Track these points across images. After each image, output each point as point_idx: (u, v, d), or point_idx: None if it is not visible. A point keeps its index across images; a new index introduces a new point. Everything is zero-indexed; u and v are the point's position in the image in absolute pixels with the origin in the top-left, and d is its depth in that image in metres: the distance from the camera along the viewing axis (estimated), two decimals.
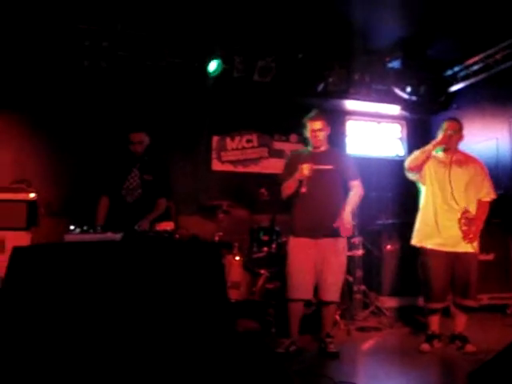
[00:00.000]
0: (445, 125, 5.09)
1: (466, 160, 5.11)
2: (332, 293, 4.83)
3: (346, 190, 5.00)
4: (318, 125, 4.98)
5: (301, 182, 4.73)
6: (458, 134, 5.07)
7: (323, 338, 4.93)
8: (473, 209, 4.98)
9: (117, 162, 5.54)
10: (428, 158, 5.06)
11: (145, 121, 6.64)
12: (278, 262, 5.61)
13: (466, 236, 4.89)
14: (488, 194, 5.04)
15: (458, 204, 4.92)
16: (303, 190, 4.69)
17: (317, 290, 4.89)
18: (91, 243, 3.67)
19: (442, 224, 4.96)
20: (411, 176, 5.22)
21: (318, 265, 4.81)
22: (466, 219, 4.91)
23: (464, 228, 4.90)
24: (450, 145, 5.06)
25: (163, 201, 5.54)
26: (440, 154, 5.14)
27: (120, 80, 7.22)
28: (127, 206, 5.32)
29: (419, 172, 5.11)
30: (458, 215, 4.92)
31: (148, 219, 5.12)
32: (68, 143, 7.07)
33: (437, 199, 5.01)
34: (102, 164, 5.92)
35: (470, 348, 4.88)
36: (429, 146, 5.06)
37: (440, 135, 5.09)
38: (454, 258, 4.94)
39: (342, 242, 4.94)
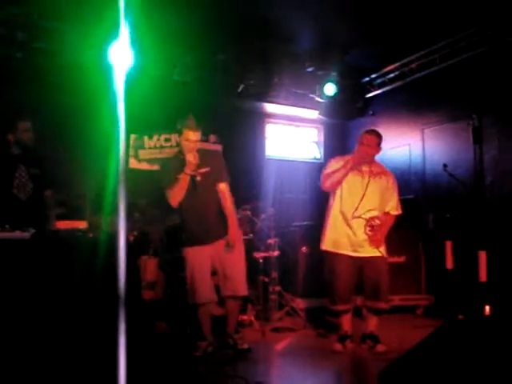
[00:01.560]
0: (363, 137, 5.09)
1: (381, 172, 5.19)
2: (239, 287, 4.83)
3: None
4: (196, 136, 4.84)
5: (193, 177, 4.63)
6: (375, 148, 5.10)
7: (231, 334, 4.93)
8: (381, 216, 5.11)
9: None
10: (344, 177, 5.06)
11: (58, 116, 6.42)
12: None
13: (371, 242, 5.00)
14: (396, 208, 5.18)
15: (366, 212, 5.02)
16: (198, 178, 4.62)
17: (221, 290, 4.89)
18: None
19: (348, 230, 5.05)
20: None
21: (217, 266, 4.83)
22: (370, 226, 5.02)
23: (369, 234, 5.01)
24: (368, 159, 5.10)
25: (49, 193, 5.26)
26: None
27: (34, 73, 6.92)
28: (22, 204, 5.01)
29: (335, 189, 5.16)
30: (364, 222, 5.02)
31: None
32: None
33: (346, 206, 5.08)
34: None
35: (380, 348, 4.98)
36: (346, 167, 5.02)
37: (357, 148, 5.09)
38: (362, 262, 5.04)
39: (234, 237, 4.85)
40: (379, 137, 5.13)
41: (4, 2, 6.05)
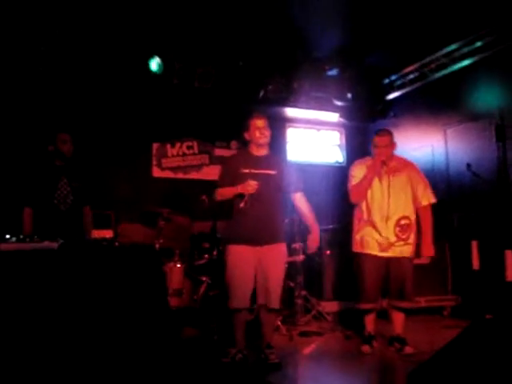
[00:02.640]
0: (376, 140, 5.14)
1: (402, 166, 5.21)
2: (273, 300, 4.66)
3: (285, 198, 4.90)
4: (262, 122, 4.79)
5: (242, 196, 4.55)
6: (389, 146, 5.12)
7: (263, 348, 4.73)
8: (410, 213, 5.11)
9: (43, 171, 5.35)
10: (370, 184, 5.10)
11: (79, 125, 6.52)
12: (220, 269, 5.58)
13: (423, 249, 5.11)
14: (428, 197, 5.16)
15: (394, 212, 5.05)
16: (242, 205, 4.52)
17: (256, 296, 4.74)
18: (28, 252, 3.57)
19: (377, 232, 5.08)
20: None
21: (258, 272, 4.66)
22: (400, 226, 5.04)
23: (399, 234, 5.04)
24: (386, 158, 5.11)
25: (88, 209, 5.53)
26: None
27: (58, 85, 7.05)
28: (61, 215, 5.22)
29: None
30: (394, 223, 5.04)
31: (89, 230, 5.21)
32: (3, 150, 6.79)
33: (373, 210, 5.12)
34: (23, 174, 5.58)
35: (408, 350, 4.96)
36: (369, 175, 5.07)
37: (374, 152, 5.15)
38: (388, 262, 5.08)
39: (281, 248, 4.81)
40: (390, 134, 5.18)
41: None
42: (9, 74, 6.66)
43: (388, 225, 5.05)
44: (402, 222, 5.05)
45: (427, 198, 5.16)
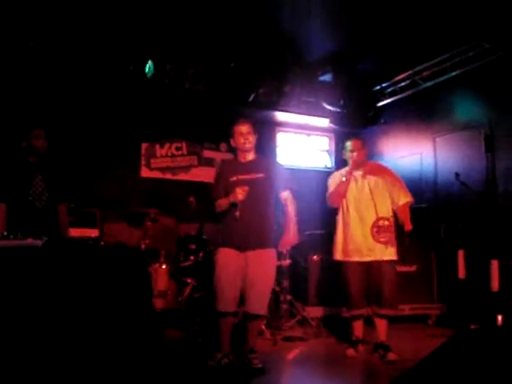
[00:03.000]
0: (349, 145, 5.32)
1: (377, 169, 5.37)
2: (259, 306, 4.64)
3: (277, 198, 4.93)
4: (246, 128, 4.85)
5: (235, 205, 4.57)
6: (362, 150, 5.30)
7: (247, 353, 4.68)
8: (387, 215, 5.20)
9: (17, 167, 5.20)
10: (347, 186, 5.24)
11: (70, 124, 6.47)
12: (206, 271, 5.56)
13: (381, 241, 5.13)
14: (405, 196, 5.25)
15: (371, 214, 5.16)
16: (237, 213, 4.55)
17: (243, 301, 4.73)
18: (11, 249, 3.53)
19: (355, 237, 5.17)
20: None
21: (246, 277, 4.64)
22: (377, 227, 5.13)
23: (376, 236, 5.12)
24: (361, 163, 5.27)
25: (64, 207, 5.35)
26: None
27: (47, 82, 6.99)
28: (37, 212, 5.07)
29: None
30: (371, 224, 5.15)
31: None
32: None
33: (351, 215, 5.23)
34: None
35: (391, 356, 4.98)
36: (345, 178, 5.23)
37: (348, 156, 5.32)
38: (368, 267, 5.14)
39: (270, 254, 4.78)
40: (362, 139, 5.42)
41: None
42: None
43: (365, 227, 5.15)
44: (380, 222, 5.14)
45: (404, 197, 5.23)
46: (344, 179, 5.22)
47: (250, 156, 4.93)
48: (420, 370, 3.32)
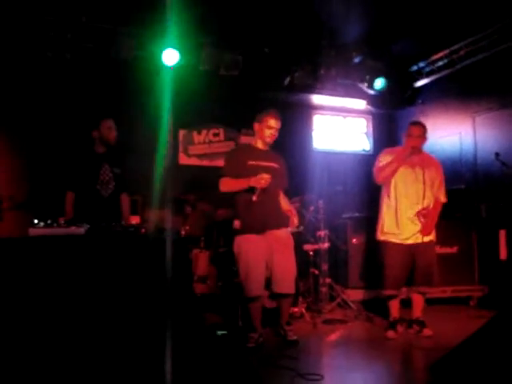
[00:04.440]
0: (410, 129, 5.28)
1: (429, 162, 5.36)
2: (287, 285, 4.87)
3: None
4: (276, 123, 4.95)
5: (253, 189, 4.67)
6: (422, 137, 5.27)
7: (283, 325, 5.01)
8: (430, 206, 5.27)
9: (86, 157, 5.40)
10: (397, 169, 5.23)
11: (110, 113, 6.58)
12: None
13: (424, 230, 5.18)
14: (444, 197, 5.36)
15: (422, 202, 5.20)
16: (254, 198, 4.62)
17: (271, 284, 4.90)
18: (55, 237, 3.63)
19: (404, 220, 5.20)
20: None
21: (269, 259, 4.83)
22: (423, 215, 5.19)
23: (422, 222, 5.19)
24: (417, 150, 5.27)
25: (126, 196, 5.56)
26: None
27: (85, 72, 7.12)
28: (104, 201, 5.28)
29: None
30: (418, 211, 5.20)
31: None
32: (31, 136, 6.91)
33: (401, 197, 5.23)
34: (67, 159, 5.65)
35: (427, 332, 5.13)
36: (399, 160, 5.22)
37: (406, 140, 5.28)
38: (414, 249, 5.18)
39: (286, 233, 5.03)
40: (425, 126, 5.34)
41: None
42: (32, 60, 6.78)
43: (412, 212, 5.20)
44: (424, 211, 5.20)
45: (444, 198, 5.37)
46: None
47: (267, 147, 5.08)
48: (461, 352, 3.32)
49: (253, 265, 4.76)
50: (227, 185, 4.90)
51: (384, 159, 5.32)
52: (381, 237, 5.35)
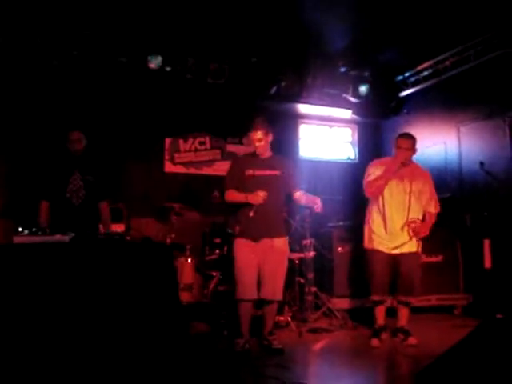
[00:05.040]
0: (399, 142, 5.26)
1: (419, 172, 5.36)
2: (274, 292, 4.92)
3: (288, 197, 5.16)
4: (260, 134, 5.00)
5: (251, 205, 4.77)
6: (411, 150, 5.26)
7: (266, 335, 5.04)
8: (419, 216, 5.27)
9: (56, 165, 5.40)
10: (387, 183, 5.22)
11: (92, 121, 6.58)
12: (231, 264, 5.59)
13: (416, 236, 5.19)
14: (435, 207, 5.35)
15: (409, 213, 5.18)
16: (251, 214, 4.74)
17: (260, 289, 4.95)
18: (40, 245, 3.61)
19: (392, 230, 5.21)
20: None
21: (260, 265, 4.90)
22: (412, 229, 5.18)
23: (411, 235, 5.19)
24: (407, 162, 5.26)
25: (105, 204, 5.51)
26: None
27: (71, 79, 7.09)
28: (74, 209, 5.26)
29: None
30: (403, 222, 5.19)
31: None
32: (12, 144, 6.87)
33: (389, 208, 5.24)
34: (39, 168, 5.65)
35: (412, 341, 5.13)
36: (388, 173, 5.20)
37: (396, 152, 5.26)
38: (398, 259, 5.20)
39: (283, 242, 5.04)
40: (414, 138, 5.32)
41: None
42: (23, 72, 6.78)
43: (398, 223, 5.20)
44: (414, 224, 5.19)
45: (435, 208, 5.35)
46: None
47: (267, 153, 5.11)
48: (445, 361, 3.32)
49: (246, 268, 4.86)
50: (230, 197, 5.02)
51: (373, 172, 5.30)
52: (368, 245, 5.36)
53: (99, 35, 6.73)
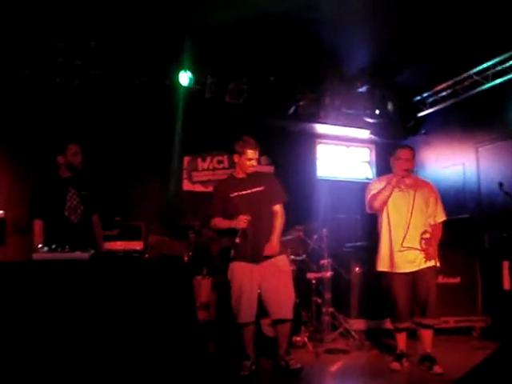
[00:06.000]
0: (398, 153, 5.22)
1: (420, 184, 5.28)
2: (285, 311, 4.84)
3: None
4: (254, 154, 5.00)
5: (237, 230, 4.76)
6: (411, 160, 5.22)
7: (283, 356, 4.90)
8: (428, 228, 5.15)
9: (50, 184, 5.20)
10: (391, 195, 5.16)
11: (111, 139, 6.60)
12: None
13: (426, 255, 5.03)
14: (441, 216, 5.23)
15: (416, 226, 5.07)
16: (237, 240, 4.73)
17: (268, 311, 4.92)
18: (59, 262, 3.63)
19: (400, 247, 5.08)
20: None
21: (265, 287, 4.86)
22: (425, 239, 5.07)
23: (424, 247, 5.04)
24: (408, 173, 5.19)
25: (97, 217, 5.36)
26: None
27: (92, 98, 7.18)
28: (73, 227, 5.07)
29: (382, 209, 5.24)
30: (418, 237, 5.06)
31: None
32: (35, 160, 6.88)
33: (395, 225, 5.15)
34: (33, 187, 5.30)
35: (437, 369, 4.89)
36: (391, 184, 5.13)
37: (395, 164, 5.22)
38: (414, 276, 5.06)
39: (282, 260, 5.00)
40: (413, 150, 5.30)
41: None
42: (23, 85, 6.80)
43: (411, 237, 5.06)
44: (424, 236, 5.09)
45: (441, 216, 5.23)
46: (389, 187, 5.14)
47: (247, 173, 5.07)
48: (465, 383, 3.28)
49: (244, 292, 4.81)
50: (216, 225, 5.04)
51: (375, 187, 5.26)
52: (380, 267, 5.24)
53: (119, 55, 6.82)
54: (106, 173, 6.78)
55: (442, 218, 5.22)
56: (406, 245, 5.05)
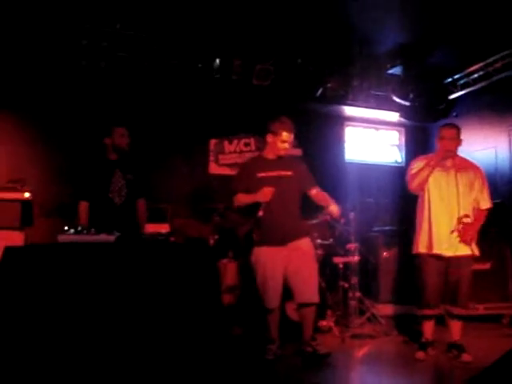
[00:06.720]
0: (442, 132, 5.03)
1: (467, 166, 5.07)
2: (310, 294, 4.76)
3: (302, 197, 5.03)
4: (289, 136, 4.90)
5: (260, 203, 4.67)
6: (456, 140, 4.99)
7: (308, 341, 4.82)
8: (470, 213, 4.95)
9: (97, 165, 5.35)
10: (431, 174, 4.96)
11: (138, 121, 6.61)
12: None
13: (463, 239, 4.84)
14: (488, 202, 5.02)
15: (458, 210, 4.88)
16: (260, 213, 4.64)
17: (294, 295, 4.86)
18: (85, 244, 3.63)
19: (440, 230, 4.89)
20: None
21: (290, 270, 4.78)
22: (463, 224, 4.86)
23: (461, 231, 4.85)
24: (452, 153, 4.99)
25: (143, 202, 5.46)
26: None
27: (118, 80, 7.18)
28: (117, 209, 5.20)
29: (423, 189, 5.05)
30: (457, 220, 4.86)
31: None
32: (64, 143, 6.98)
33: (436, 206, 4.95)
34: (78, 168, 5.57)
35: (466, 357, 4.77)
36: (431, 164, 4.94)
37: (439, 143, 5.02)
38: (449, 262, 4.88)
39: (306, 243, 4.93)
40: (457, 128, 5.06)
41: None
42: (67, 68, 6.83)
43: (449, 221, 4.88)
44: (464, 220, 4.88)
45: (487, 203, 5.02)
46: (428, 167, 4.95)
47: (279, 155, 5.00)
48: (493, 373, 3.21)
49: (270, 276, 4.76)
50: (239, 201, 4.95)
51: (416, 166, 5.07)
52: (417, 249, 5.02)
53: (152, 38, 6.81)
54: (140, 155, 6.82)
55: (486, 205, 5.01)
56: (444, 227, 4.88)
